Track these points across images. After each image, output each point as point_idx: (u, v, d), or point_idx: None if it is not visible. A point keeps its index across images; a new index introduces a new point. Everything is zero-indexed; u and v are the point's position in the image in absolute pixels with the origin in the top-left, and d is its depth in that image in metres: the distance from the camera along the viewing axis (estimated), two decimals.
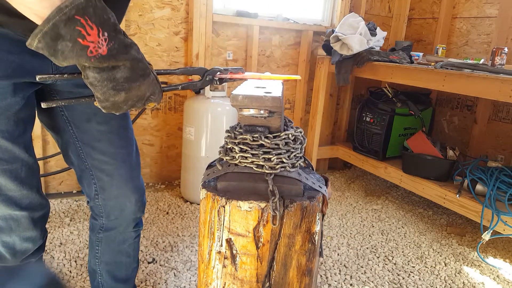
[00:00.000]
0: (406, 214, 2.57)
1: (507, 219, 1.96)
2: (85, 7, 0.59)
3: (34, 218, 0.96)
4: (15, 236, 0.94)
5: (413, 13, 3.32)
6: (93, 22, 0.60)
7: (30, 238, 0.97)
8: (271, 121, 0.83)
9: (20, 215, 0.93)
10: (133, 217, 1.16)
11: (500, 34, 2.64)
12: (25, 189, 0.92)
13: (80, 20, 0.59)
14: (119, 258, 1.24)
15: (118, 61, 0.66)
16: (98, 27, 0.61)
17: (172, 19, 2.54)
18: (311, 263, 0.87)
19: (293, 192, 0.84)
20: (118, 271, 1.26)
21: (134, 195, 1.11)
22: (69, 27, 0.59)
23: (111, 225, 1.16)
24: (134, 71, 0.69)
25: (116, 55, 0.65)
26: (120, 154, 1.07)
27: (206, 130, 2.34)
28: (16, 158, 0.89)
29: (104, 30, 0.62)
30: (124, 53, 0.67)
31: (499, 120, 2.70)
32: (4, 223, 0.92)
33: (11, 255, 0.95)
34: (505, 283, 1.90)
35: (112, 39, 0.64)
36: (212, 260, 0.85)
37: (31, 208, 0.94)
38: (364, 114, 2.88)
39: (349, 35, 2.49)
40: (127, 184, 1.10)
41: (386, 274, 1.89)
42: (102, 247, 1.21)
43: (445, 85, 2.10)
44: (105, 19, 0.63)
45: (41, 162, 2.33)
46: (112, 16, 0.65)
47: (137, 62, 0.69)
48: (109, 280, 1.26)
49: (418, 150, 2.54)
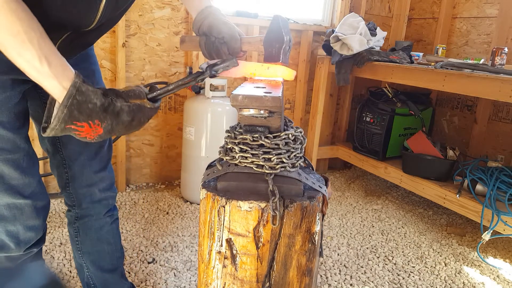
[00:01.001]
0: (406, 214, 2.57)
1: (507, 219, 1.96)
2: (70, 115, 0.71)
3: (36, 207, 1.00)
4: (19, 225, 0.98)
5: (413, 13, 3.32)
6: (82, 121, 0.72)
7: (33, 227, 1.00)
8: (271, 121, 0.83)
9: (23, 204, 0.97)
10: (104, 203, 1.23)
11: (500, 34, 2.64)
12: (27, 178, 0.96)
13: (71, 127, 0.72)
14: (100, 246, 1.27)
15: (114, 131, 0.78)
16: (88, 121, 0.73)
17: (172, 19, 2.54)
18: (311, 263, 0.87)
19: (293, 192, 0.84)
20: (103, 261, 1.29)
21: (102, 183, 1.20)
22: (66, 132, 0.73)
23: (84, 213, 1.22)
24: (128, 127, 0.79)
25: (112, 129, 0.77)
26: (93, 146, 1.15)
27: (206, 130, 2.34)
28: (18, 148, 0.94)
29: (93, 119, 0.73)
30: (118, 123, 0.77)
31: (499, 120, 2.70)
32: (8, 212, 0.96)
33: (15, 244, 0.99)
34: (505, 283, 1.90)
35: (104, 119, 0.74)
36: (212, 260, 0.85)
37: (34, 197, 0.98)
38: (364, 114, 2.88)
39: (349, 35, 2.49)
40: (97, 174, 1.18)
41: (386, 274, 1.89)
42: (81, 236, 1.26)
43: (445, 85, 2.10)
44: (90, 109, 0.72)
45: (41, 162, 2.33)
46: (97, 97, 0.73)
47: (130, 122, 0.78)
48: (96, 272, 1.29)
49: (418, 150, 2.54)
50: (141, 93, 0.80)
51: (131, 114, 0.78)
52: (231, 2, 2.82)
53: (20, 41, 0.66)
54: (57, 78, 0.70)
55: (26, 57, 0.67)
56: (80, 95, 0.70)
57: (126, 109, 0.77)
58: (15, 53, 0.67)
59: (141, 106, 0.79)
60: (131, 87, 0.81)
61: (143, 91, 0.81)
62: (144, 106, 0.80)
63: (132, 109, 0.78)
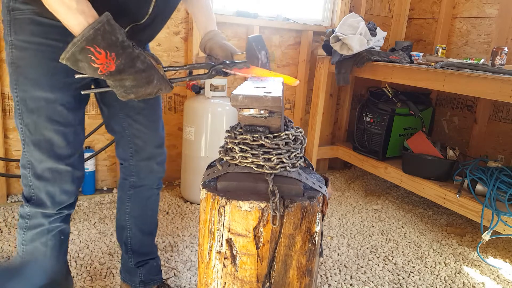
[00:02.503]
0: (406, 214, 2.57)
1: (507, 219, 1.96)
2: (94, 37, 0.78)
3: (73, 175, 1.15)
4: (57, 187, 1.13)
5: (413, 13, 3.32)
6: (101, 47, 0.80)
7: (68, 191, 1.15)
8: (271, 121, 0.83)
9: (64, 169, 1.12)
10: (158, 176, 1.40)
11: (500, 34, 2.64)
12: (70, 149, 1.12)
13: (90, 49, 0.79)
14: (146, 212, 1.45)
15: (125, 74, 0.85)
16: (106, 50, 0.80)
17: (172, 19, 2.54)
18: (311, 263, 0.87)
19: (293, 192, 0.84)
20: (145, 225, 1.46)
21: (160, 157, 1.37)
22: (83, 54, 0.80)
23: (141, 182, 1.39)
24: (139, 80, 0.88)
25: (123, 70, 0.84)
26: (154, 125, 1.33)
27: (206, 130, 2.34)
28: (69, 124, 1.10)
29: (111, 51, 0.81)
30: (131, 66, 0.85)
31: (499, 120, 2.70)
32: (50, 174, 1.11)
33: (51, 203, 1.14)
34: (505, 283, 1.90)
35: (119, 56, 0.82)
36: (212, 260, 0.85)
37: (72, 166, 1.14)
38: (364, 114, 2.88)
39: (349, 35, 2.49)
40: (156, 149, 1.35)
41: (386, 274, 1.89)
42: (132, 202, 1.42)
43: (445, 85, 2.10)
44: (112, 41, 0.81)
45: None
46: (121, 34, 0.82)
47: (141, 73, 0.87)
48: (137, 233, 1.45)
49: (418, 150, 2.54)
50: (158, 60, 0.93)
51: (145, 65, 0.87)
52: (231, 2, 2.82)
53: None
54: (84, 14, 0.79)
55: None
56: (108, 25, 0.80)
57: (142, 57, 0.86)
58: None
59: (155, 67, 0.90)
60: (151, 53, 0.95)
61: (159, 61, 0.94)
62: (157, 68, 0.90)
63: (146, 62, 0.87)
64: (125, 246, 1.47)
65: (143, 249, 1.48)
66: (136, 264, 1.47)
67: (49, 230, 1.18)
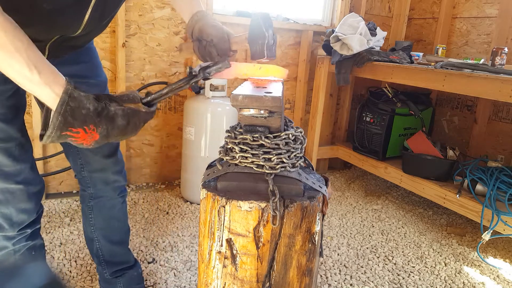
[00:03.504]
0: (406, 214, 2.57)
1: (507, 219, 1.96)
2: (65, 121, 0.71)
3: (28, 192, 1.08)
4: (11, 208, 1.06)
5: (413, 13, 3.32)
6: (76, 127, 0.72)
7: (25, 210, 1.09)
8: (271, 121, 0.83)
9: (15, 188, 1.05)
10: (117, 185, 1.34)
11: (500, 34, 2.64)
12: (19, 165, 1.05)
13: (67, 133, 0.72)
14: (111, 223, 1.39)
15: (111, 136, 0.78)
16: (83, 127, 0.72)
17: (172, 19, 2.54)
18: (311, 263, 0.87)
19: (293, 192, 0.84)
20: (113, 235, 1.41)
21: (115, 167, 1.30)
22: (62, 138, 0.73)
23: (99, 193, 1.33)
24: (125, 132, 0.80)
25: (108, 134, 0.77)
26: None
27: (206, 130, 2.34)
28: (10, 137, 1.02)
29: (88, 124, 0.73)
30: (113, 127, 0.77)
31: (499, 120, 2.70)
32: (2, 195, 1.05)
33: (9, 225, 1.08)
34: (505, 283, 1.90)
35: (99, 124, 0.74)
36: (212, 260, 0.85)
37: (25, 183, 1.07)
38: (364, 114, 2.88)
39: (349, 35, 2.49)
40: (107, 159, 1.27)
41: (386, 274, 1.89)
42: (95, 213, 1.36)
43: (445, 85, 2.10)
44: (85, 115, 0.72)
45: (41, 162, 2.33)
46: (89, 102, 0.73)
47: (125, 127, 0.78)
48: (106, 244, 1.41)
49: (418, 150, 2.54)
50: (135, 97, 0.81)
51: (126, 118, 0.78)
52: (231, 2, 2.82)
53: (7, 52, 0.66)
54: (49, 85, 0.70)
55: (15, 68, 0.67)
56: (73, 101, 0.71)
57: (120, 113, 0.77)
58: (5, 65, 0.68)
59: (135, 110, 0.80)
60: (124, 92, 0.82)
61: (136, 95, 0.82)
62: (139, 110, 0.80)
63: (126, 113, 0.78)
64: (97, 258, 1.43)
65: (116, 258, 1.44)
66: (112, 275, 1.44)
67: (15, 251, 1.12)
